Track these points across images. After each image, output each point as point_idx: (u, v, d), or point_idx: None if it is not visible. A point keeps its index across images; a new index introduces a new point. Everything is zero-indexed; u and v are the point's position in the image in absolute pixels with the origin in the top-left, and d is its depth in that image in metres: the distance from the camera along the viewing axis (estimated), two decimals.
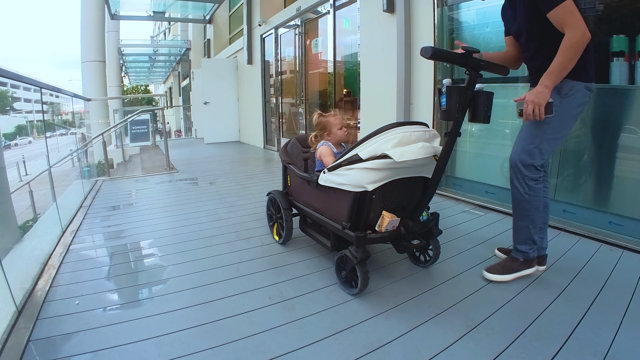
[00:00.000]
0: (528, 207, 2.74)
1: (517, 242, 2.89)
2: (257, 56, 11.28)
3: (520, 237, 2.86)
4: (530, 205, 2.73)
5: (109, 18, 13.59)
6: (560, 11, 2.37)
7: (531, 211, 2.75)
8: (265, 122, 11.40)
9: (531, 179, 2.68)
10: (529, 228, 2.80)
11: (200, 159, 9.55)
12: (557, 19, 2.41)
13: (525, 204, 2.74)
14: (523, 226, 2.82)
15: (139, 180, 6.97)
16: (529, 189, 2.70)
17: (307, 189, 3.19)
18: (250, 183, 6.40)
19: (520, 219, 2.82)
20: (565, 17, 2.37)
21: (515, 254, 2.91)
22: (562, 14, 2.37)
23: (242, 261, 3.26)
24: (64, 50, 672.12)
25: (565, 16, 2.37)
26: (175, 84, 28.02)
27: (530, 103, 2.47)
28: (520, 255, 2.87)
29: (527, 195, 2.71)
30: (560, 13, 2.38)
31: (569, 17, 2.36)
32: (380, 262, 3.19)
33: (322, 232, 3.17)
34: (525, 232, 2.82)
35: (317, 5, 8.02)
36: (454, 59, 2.43)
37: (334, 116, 3.29)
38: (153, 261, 3.37)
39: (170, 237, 3.90)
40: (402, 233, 2.67)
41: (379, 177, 2.47)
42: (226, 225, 4.20)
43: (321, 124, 3.28)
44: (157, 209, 4.92)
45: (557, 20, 2.41)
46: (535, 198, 2.72)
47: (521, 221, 2.82)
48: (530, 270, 2.88)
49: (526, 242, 2.84)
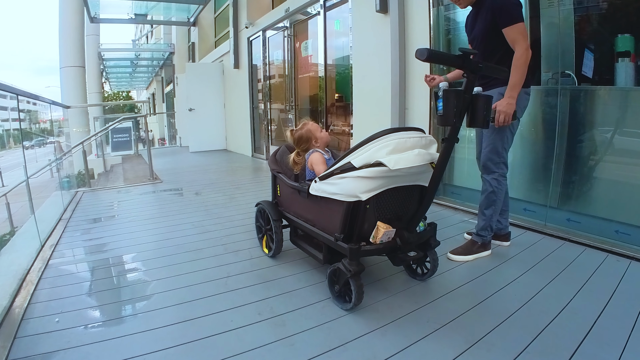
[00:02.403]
0: (494, 199, 3.44)
1: (479, 228, 3.55)
2: (244, 60, 11.31)
3: (483, 223, 3.52)
4: (496, 197, 3.43)
5: (89, 21, 13.60)
6: (514, 29, 3.07)
7: (496, 202, 3.45)
8: (253, 129, 11.40)
9: (501, 174, 3.40)
10: (492, 216, 3.47)
11: (186, 169, 9.53)
12: (510, 36, 3.10)
13: (493, 195, 3.43)
14: (488, 214, 3.48)
15: (121, 191, 6.93)
16: (498, 184, 3.40)
17: (298, 199, 3.18)
18: (238, 193, 6.38)
19: (487, 207, 3.48)
20: (516, 36, 3.06)
21: (475, 237, 3.58)
22: (515, 33, 3.07)
23: (230, 275, 3.24)
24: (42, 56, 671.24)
25: (517, 35, 3.06)
26: (159, 90, 27.99)
27: (502, 113, 3.09)
28: (479, 239, 3.54)
29: (496, 188, 3.41)
30: (514, 31, 3.07)
31: (519, 37, 3.06)
32: (375, 276, 3.18)
33: (314, 244, 3.15)
34: (488, 219, 3.49)
35: (306, 6, 8.05)
36: (451, 61, 2.43)
37: (308, 123, 3.38)
38: (136, 276, 3.34)
39: (154, 250, 3.87)
40: (398, 245, 2.66)
41: (373, 186, 2.46)
42: (213, 237, 4.18)
43: (302, 136, 3.32)
44: (141, 221, 4.89)
45: (510, 37, 3.10)
46: (501, 190, 3.42)
47: (487, 209, 3.48)
48: (487, 252, 3.56)
49: (486, 228, 3.51)
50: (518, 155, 4.48)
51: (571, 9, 3.94)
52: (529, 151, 4.38)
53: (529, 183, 4.44)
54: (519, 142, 4.47)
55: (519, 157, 4.48)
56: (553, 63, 4.07)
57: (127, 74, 29.32)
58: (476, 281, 3.05)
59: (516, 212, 4.35)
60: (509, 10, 3.10)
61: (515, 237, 3.87)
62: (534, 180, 4.37)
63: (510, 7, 3.11)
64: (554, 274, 3.08)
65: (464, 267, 3.33)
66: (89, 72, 15.92)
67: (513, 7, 3.12)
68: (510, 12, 3.09)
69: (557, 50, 4.01)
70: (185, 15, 14.98)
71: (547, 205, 4.20)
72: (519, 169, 4.48)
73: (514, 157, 4.54)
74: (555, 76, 4.05)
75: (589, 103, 3.87)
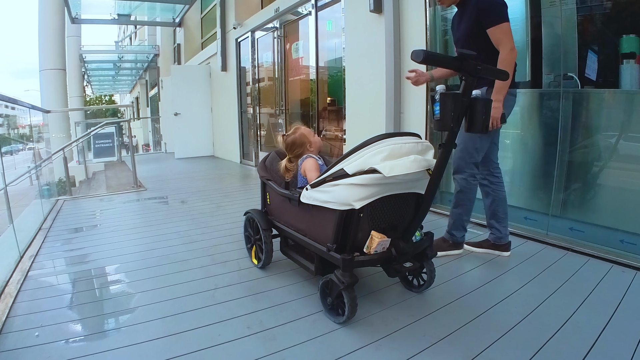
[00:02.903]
0: (463, 198, 3.62)
1: (451, 228, 3.76)
2: (232, 62, 11.32)
3: (454, 223, 3.74)
4: (465, 197, 3.61)
5: (70, 22, 13.56)
6: (499, 30, 3.17)
7: (465, 201, 3.62)
8: (241, 134, 11.40)
9: (470, 175, 3.54)
10: (462, 215, 3.68)
11: (171, 176, 9.51)
12: (495, 36, 3.20)
13: (461, 195, 3.61)
14: (457, 213, 3.68)
15: (103, 200, 6.90)
16: (467, 184, 3.56)
17: (289, 208, 3.17)
18: (225, 202, 6.38)
19: (455, 206, 3.68)
20: (501, 36, 3.17)
21: (446, 236, 3.80)
22: (499, 33, 3.17)
23: (218, 287, 3.22)
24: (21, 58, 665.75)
25: (501, 35, 3.17)
26: (143, 94, 27.96)
27: (492, 118, 3.17)
28: (450, 237, 3.78)
29: (464, 188, 3.57)
30: (498, 31, 3.18)
31: (504, 37, 3.16)
32: (369, 287, 3.17)
33: (306, 255, 3.15)
34: (459, 219, 3.70)
35: (297, 5, 8.06)
36: (448, 63, 2.41)
37: (300, 127, 3.39)
38: (120, 288, 3.32)
39: (138, 261, 3.85)
40: (393, 255, 2.65)
41: (367, 194, 2.45)
42: (200, 248, 4.16)
43: (296, 141, 3.32)
44: (124, 231, 4.87)
45: (495, 37, 3.20)
46: (470, 191, 3.59)
47: (456, 208, 3.68)
48: (458, 251, 3.80)
49: (458, 228, 3.74)
50: (519, 162, 4.49)
51: (574, 8, 3.95)
52: (530, 157, 4.39)
53: (530, 191, 4.44)
54: (520, 148, 4.48)
55: (519, 163, 4.49)
56: (555, 65, 4.08)
57: (109, 77, 29.26)
58: (475, 293, 3.04)
59: (517, 221, 4.36)
60: (494, 10, 3.21)
61: (515, 247, 3.88)
62: (535, 188, 4.38)
63: (495, 7, 3.21)
64: (556, 285, 3.09)
65: (463, 278, 3.32)
66: (69, 75, 15.89)
67: (498, 7, 3.22)
68: (496, 12, 3.20)
69: (559, 52, 4.02)
70: (171, 16, 14.96)
71: (549, 213, 4.20)
72: (519, 176, 4.49)
73: (515, 164, 4.55)
74: (557, 79, 4.06)
75: (593, 107, 3.89)
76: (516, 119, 4.40)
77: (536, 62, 4.23)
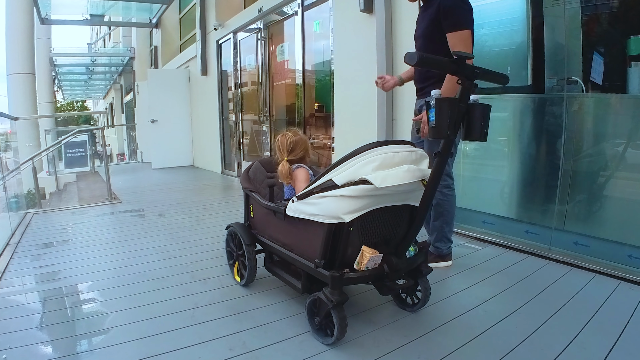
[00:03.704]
0: (441, 210, 3.74)
1: (434, 241, 3.85)
2: (213, 66, 11.33)
3: (436, 235, 3.83)
4: (443, 209, 3.73)
5: (39, 23, 13.51)
6: (457, 36, 3.25)
7: (443, 214, 3.74)
8: (223, 143, 11.40)
9: (445, 186, 3.67)
10: (443, 227, 3.78)
11: (148, 187, 9.49)
12: (452, 41, 3.27)
13: (439, 207, 3.73)
14: (438, 225, 3.78)
15: (75, 213, 6.86)
16: (443, 195, 3.68)
17: (274, 221, 3.16)
18: (206, 215, 6.36)
19: (435, 219, 3.79)
20: (457, 43, 3.24)
21: (431, 249, 3.86)
22: (457, 39, 3.25)
23: (198, 306, 3.21)
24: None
25: (458, 42, 3.24)
26: (117, 100, 27.87)
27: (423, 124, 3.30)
28: (435, 250, 3.85)
29: (441, 200, 3.69)
30: (457, 37, 3.25)
31: (461, 45, 3.22)
32: (360, 306, 3.16)
33: (292, 272, 3.13)
34: (440, 231, 3.80)
35: (282, 5, 8.08)
36: (445, 66, 2.39)
37: (299, 132, 3.40)
38: (93, 307, 3.29)
39: (112, 278, 3.83)
40: (385, 271, 2.64)
41: (357, 206, 2.45)
42: (178, 264, 4.14)
43: (299, 143, 3.28)
44: (98, 246, 4.85)
45: (451, 43, 3.27)
46: (447, 203, 3.72)
47: (436, 221, 3.78)
48: (446, 263, 3.88)
49: (441, 240, 3.82)
50: (519, 172, 4.50)
51: (578, 7, 3.96)
52: (531, 167, 4.41)
53: (531, 203, 4.45)
54: (520, 157, 4.49)
55: (519, 173, 4.50)
56: (558, 68, 4.09)
57: (82, 82, 29.18)
58: (473, 312, 3.04)
59: (518, 235, 4.37)
60: (457, 13, 3.26)
61: (516, 263, 3.90)
62: (537, 200, 4.40)
63: (458, 11, 3.27)
64: (560, 303, 3.09)
65: (460, 296, 3.32)
66: (39, 79, 15.83)
67: (462, 12, 3.29)
68: (458, 17, 3.26)
69: (562, 54, 4.03)
70: (147, 16, 14.96)
71: (551, 227, 4.19)
72: (519, 187, 4.50)
73: (515, 174, 4.56)
74: (560, 83, 4.07)
75: (599, 113, 3.90)
76: (516, 126, 4.41)
77: (538, 65, 4.24)
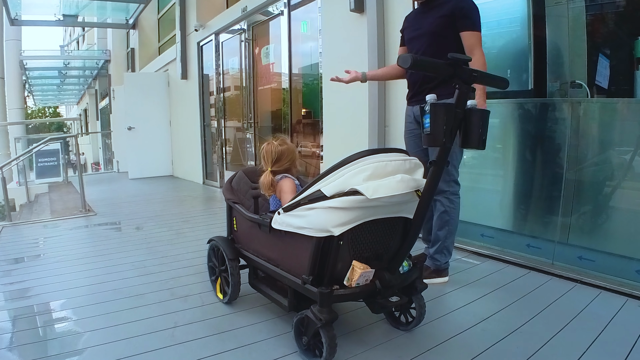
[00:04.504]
0: (447, 219, 3.78)
1: (434, 252, 3.86)
2: (194, 69, 11.34)
3: (437, 247, 3.83)
4: (449, 217, 3.77)
5: (8, 24, 13.48)
6: (475, 36, 3.52)
7: (450, 222, 3.78)
8: (204, 151, 11.39)
9: (452, 193, 3.75)
10: (446, 237, 3.80)
11: (124, 199, 9.50)
12: (469, 41, 3.52)
13: (445, 215, 3.77)
14: (442, 235, 3.80)
15: (47, 226, 6.84)
16: (450, 202, 3.75)
17: (258, 235, 3.15)
18: (186, 228, 6.36)
19: (440, 228, 3.81)
20: (476, 43, 3.51)
21: (428, 262, 3.90)
22: (475, 39, 3.52)
23: (178, 325, 3.19)
24: None
25: (476, 42, 3.52)
26: (92, 105, 27.82)
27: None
28: (433, 263, 3.87)
29: (449, 207, 3.75)
30: (474, 38, 3.51)
31: (479, 45, 3.52)
32: (350, 325, 3.15)
33: (278, 288, 3.12)
34: (443, 241, 3.81)
35: (267, 4, 8.08)
36: (440, 69, 2.36)
37: (286, 140, 3.38)
38: (66, 327, 3.28)
39: (87, 296, 3.81)
40: (377, 288, 2.63)
41: (347, 219, 2.44)
42: (157, 280, 4.13)
43: (286, 153, 3.28)
44: (71, 262, 4.83)
45: (468, 42, 3.52)
46: (454, 211, 3.78)
47: (441, 230, 3.81)
48: (442, 279, 3.88)
49: (441, 251, 3.83)
50: (519, 182, 4.51)
51: (582, 6, 3.97)
52: (533, 176, 4.41)
53: (533, 214, 4.46)
54: (520, 166, 4.50)
55: (520, 183, 4.51)
56: (561, 71, 4.10)
57: (54, 87, 29.17)
58: (471, 331, 3.03)
59: (518, 249, 4.37)
60: (474, 14, 3.58)
61: (517, 279, 3.90)
62: (539, 211, 4.40)
63: (475, 12, 3.58)
64: (564, 322, 3.09)
65: (457, 314, 3.32)
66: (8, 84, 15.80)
67: (477, 13, 3.59)
68: (475, 17, 3.57)
69: (565, 56, 4.04)
70: (123, 16, 14.97)
71: (554, 240, 4.19)
72: (520, 198, 4.51)
73: (515, 184, 4.56)
74: (563, 87, 4.07)
75: (604, 118, 3.90)
76: (517, 133, 4.42)
77: (540, 68, 4.24)
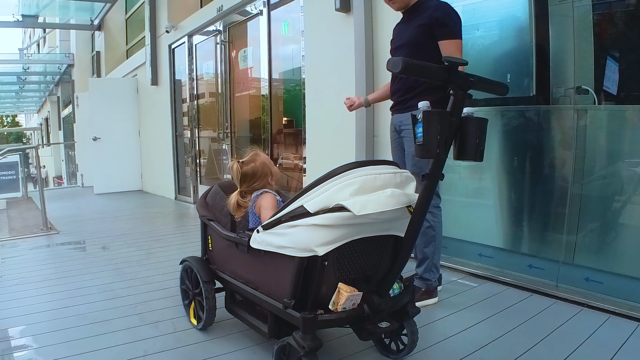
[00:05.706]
0: (433, 234, 3.84)
1: (423, 271, 3.89)
2: (165, 74, 11.35)
3: (426, 265, 3.88)
4: (435, 231, 3.85)
5: None
6: (454, 45, 3.59)
7: (436, 237, 3.86)
8: (176, 164, 11.37)
9: (435, 206, 3.80)
10: (434, 253, 3.87)
11: (89, 216, 9.46)
12: (448, 50, 3.55)
13: (431, 230, 3.82)
14: (429, 252, 3.85)
15: (5, 246, 6.79)
16: (433, 217, 3.82)
17: (236, 255, 3.14)
18: (157, 247, 6.35)
19: (426, 245, 3.85)
20: (455, 51, 3.56)
21: (418, 283, 3.88)
22: (454, 48, 3.58)
23: (148, 354, 3.17)
24: None
25: (455, 50, 3.57)
26: (54, 114, 27.66)
27: None
28: (423, 284, 3.90)
29: (433, 222, 3.82)
30: (453, 46, 3.58)
31: (458, 53, 3.59)
32: (336, 353, 3.15)
33: (257, 313, 3.11)
34: (431, 259, 3.86)
35: (244, 4, 8.09)
36: (434, 73, 2.35)
37: (260, 154, 3.39)
38: (26, 355, 3.24)
39: (49, 322, 3.78)
40: (365, 313, 2.62)
41: (332, 237, 2.44)
42: (125, 305, 4.11)
43: (257, 171, 3.28)
44: (31, 284, 4.80)
45: (447, 51, 3.55)
46: (438, 223, 3.88)
47: (427, 247, 3.85)
48: (432, 300, 3.91)
49: (430, 269, 3.88)
50: (520, 197, 4.51)
51: (589, 5, 3.97)
52: (535, 191, 4.41)
53: (536, 232, 4.46)
54: (521, 180, 4.50)
55: (521, 198, 4.51)
56: (566, 76, 4.09)
57: (12, 93, 29.01)
58: (468, 359, 3.03)
59: (520, 270, 4.37)
60: (454, 22, 3.65)
61: (518, 302, 3.91)
62: (542, 229, 4.39)
63: (455, 20, 3.65)
64: (569, 349, 3.10)
65: (452, 341, 3.31)
66: None
67: (457, 21, 3.67)
68: (454, 25, 3.64)
69: (571, 60, 4.03)
70: (88, 17, 14.95)
71: (559, 260, 4.16)
72: (521, 214, 4.50)
73: (516, 199, 4.57)
74: (568, 92, 4.07)
75: (613, 127, 3.91)
76: (517, 144, 4.43)
77: (542, 72, 4.23)
